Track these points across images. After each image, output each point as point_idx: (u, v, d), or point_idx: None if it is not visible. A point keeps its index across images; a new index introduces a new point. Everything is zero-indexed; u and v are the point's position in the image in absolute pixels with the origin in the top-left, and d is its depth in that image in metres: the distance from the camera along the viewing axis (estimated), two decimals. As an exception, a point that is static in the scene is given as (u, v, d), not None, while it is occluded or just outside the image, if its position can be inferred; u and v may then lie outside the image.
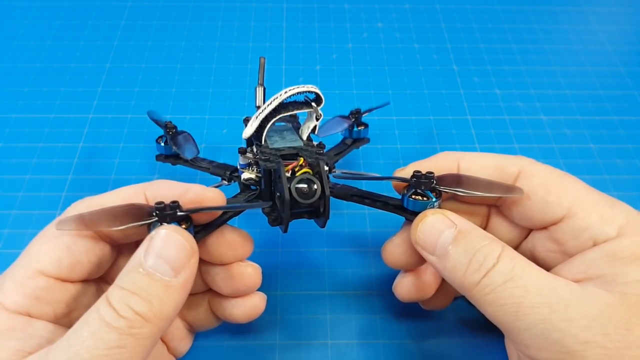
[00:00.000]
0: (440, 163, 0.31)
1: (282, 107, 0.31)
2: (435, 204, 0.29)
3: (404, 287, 0.32)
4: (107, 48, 0.56)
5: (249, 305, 0.31)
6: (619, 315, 0.24)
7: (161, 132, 0.40)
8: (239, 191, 0.34)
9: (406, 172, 0.31)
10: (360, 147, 0.43)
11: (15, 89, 0.51)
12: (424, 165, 0.31)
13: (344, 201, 0.33)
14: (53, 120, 0.49)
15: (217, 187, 0.35)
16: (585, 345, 0.23)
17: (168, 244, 0.24)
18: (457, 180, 0.30)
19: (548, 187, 0.29)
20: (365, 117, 0.41)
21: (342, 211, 0.42)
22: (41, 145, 0.47)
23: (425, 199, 0.29)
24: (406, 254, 0.31)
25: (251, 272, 0.30)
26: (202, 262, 0.30)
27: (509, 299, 0.25)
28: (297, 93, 0.30)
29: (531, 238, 0.31)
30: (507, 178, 0.30)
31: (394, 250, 0.31)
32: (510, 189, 0.29)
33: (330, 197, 0.29)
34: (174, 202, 0.26)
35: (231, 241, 0.30)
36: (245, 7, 0.62)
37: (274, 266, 0.39)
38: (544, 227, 0.30)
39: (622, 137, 0.49)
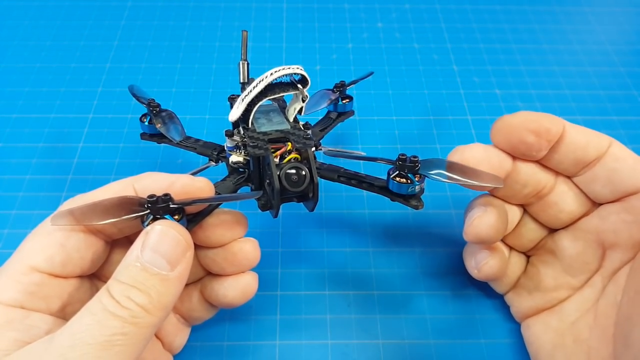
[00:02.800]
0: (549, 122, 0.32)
1: (268, 89, 0.31)
2: (417, 187, 0.31)
3: (491, 266, 0.34)
4: (107, 48, 0.56)
5: (242, 285, 0.31)
6: None
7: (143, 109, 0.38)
8: (227, 173, 0.34)
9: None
10: (360, 146, 0.42)
11: (15, 89, 0.51)
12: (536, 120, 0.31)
13: (332, 181, 0.33)
14: (53, 120, 0.49)
15: (205, 168, 0.36)
16: None
17: (164, 239, 0.25)
18: (440, 164, 0.31)
19: (635, 158, 0.31)
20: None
21: (342, 211, 0.42)
22: (41, 145, 0.47)
23: (408, 181, 0.30)
24: (497, 227, 0.32)
25: (250, 247, 0.31)
26: (199, 247, 0.31)
27: None
28: (284, 75, 0.30)
29: (598, 212, 0.32)
30: (602, 144, 0.31)
31: (485, 221, 0.32)
32: (493, 179, 0.30)
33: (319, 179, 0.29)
34: (165, 194, 0.26)
35: (227, 222, 0.30)
36: (245, 7, 0.62)
37: (274, 266, 0.39)
38: (617, 199, 0.31)
39: (622, 137, 0.49)
